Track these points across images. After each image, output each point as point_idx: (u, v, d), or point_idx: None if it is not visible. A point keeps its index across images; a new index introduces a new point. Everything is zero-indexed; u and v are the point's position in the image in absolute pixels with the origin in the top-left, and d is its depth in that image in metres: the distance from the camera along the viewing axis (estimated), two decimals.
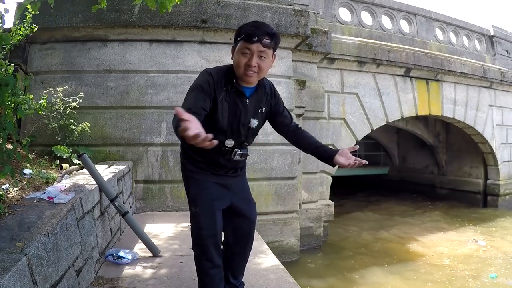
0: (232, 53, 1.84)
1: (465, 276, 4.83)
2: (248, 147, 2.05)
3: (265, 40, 1.72)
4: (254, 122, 1.93)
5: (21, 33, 3.47)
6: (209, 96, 1.76)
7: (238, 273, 2.22)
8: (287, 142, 2.28)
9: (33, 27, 3.59)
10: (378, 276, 4.82)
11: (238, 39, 1.76)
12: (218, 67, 1.90)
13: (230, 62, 1.89)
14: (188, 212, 2.04)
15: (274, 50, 1.82)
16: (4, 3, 2.45)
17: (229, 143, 1.88)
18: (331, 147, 6.29)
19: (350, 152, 1.95)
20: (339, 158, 1.93)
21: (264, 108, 1.96)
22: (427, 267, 5.13)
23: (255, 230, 2.21)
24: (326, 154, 2.01)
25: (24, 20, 3.53)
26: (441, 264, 5.29)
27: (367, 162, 1.93)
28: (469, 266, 5.20)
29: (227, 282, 2.16)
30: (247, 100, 1.87)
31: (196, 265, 2.03)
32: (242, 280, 2.28)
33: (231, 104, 1.83)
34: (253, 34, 1.71)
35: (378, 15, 7.86)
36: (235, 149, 1.90)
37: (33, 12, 3.27)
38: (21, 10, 3.02)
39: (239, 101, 1.85)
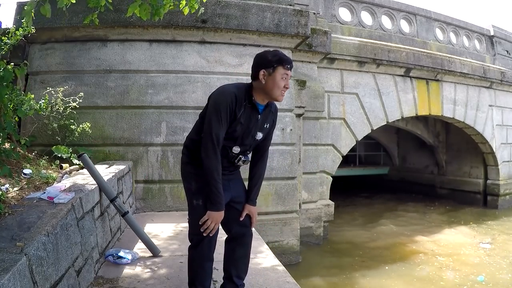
0: (263, 76, 1.99)
1: (456, 277, 4.83)
2: None
3: (291, 66, 2.04)
4: (259, 135, 2.13)
5: (18, 33, 3.46)
6: (230, 117, 1.97)
7: (242, 271, 2.24)
8: (287, 142, 2.39)
9: (30, 29, 3.57)
10: (378, 275, 4.82)
11: (275, 65, 1.98)
12: (238, 85, 2.09)
13: (230, 61, 1.94)
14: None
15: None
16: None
17: (236, 149, 2.07)
18: (331, 147, 6.38)
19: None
20: (245, 207, 2.20)
21: (268, 124, 2.17)
22: (426, 267, 5.13)
23: (255, 230, 2.23)
24: (249, 192, 2.23)
25: (22, 21, 3.53)
26: (440, 264, 5.29)
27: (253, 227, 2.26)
28: (466, 267, 5.20)
29: (229, 281, 2.20)
30: (259, 116, 2.08)
31: (190, 257, 2.15)
32: (243, 282, 2.27)
33: (247, 119, 2.03)
34: (290, 61, 2.03)
35: (378, 15, 7.86)
36: (240, 155, 2.10)
37: (43, 15, 3.24)
38: (28, 15, 2.98)
39: (253, 117, 2.05)
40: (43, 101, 3.96)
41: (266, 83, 2.00)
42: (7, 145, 3.25)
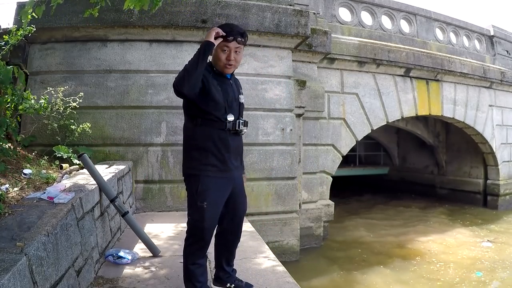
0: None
1: (456, 277, 4.83)
2: (248, 147, 2.20)
3: (239, 38, 2.08)
4: (242, 98, 2.26)
5: (18, 33, 3.47)
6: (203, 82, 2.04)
7: (232, 257, 2.37)
8: (287, 142, 2.40)
9: (31, 29, 3.57)
10: (378, 276, 4.82)
11: (217, 37, 2.03)
12: None
13: None
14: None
15: (244, 45, 2.18)
16: None
17: (230, 117, 2.13)
18: (331, 147, 6.38)
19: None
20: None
21: (241, 90, 2.29)
22: (426, 267, 5.13)
23: (255, 230, 2.27)
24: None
25: (23, 21, 3.53)
26: (440, 264, 5.29)
27: None
28: (466, 266, 5.20)
29: (221, 269, 2.31)
30: (231, 81, 2.20)
31: (187, 255, 2.18)
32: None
33: (220, 84, 2.12)
34: (229, 34, 2.05)
35: (378, 15, 7.86)
36: (237, 121, 2.16)
37: (36, 16, 3.26)
38: (25, 15, 3.01)
39: (224, 80, 2.16)
40: (43, 101, 3.96)
41: (213, 55, 2.11)
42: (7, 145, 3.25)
